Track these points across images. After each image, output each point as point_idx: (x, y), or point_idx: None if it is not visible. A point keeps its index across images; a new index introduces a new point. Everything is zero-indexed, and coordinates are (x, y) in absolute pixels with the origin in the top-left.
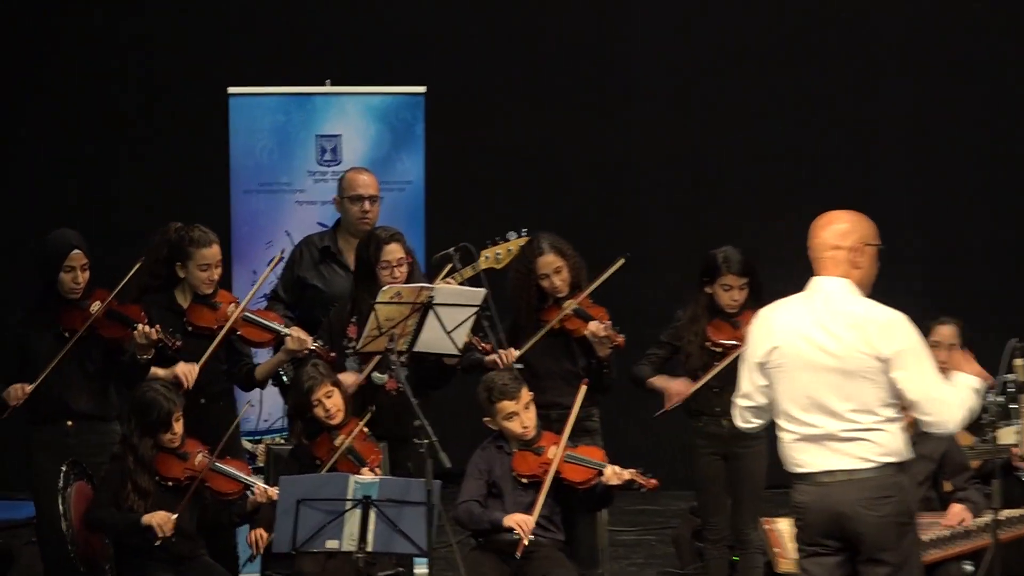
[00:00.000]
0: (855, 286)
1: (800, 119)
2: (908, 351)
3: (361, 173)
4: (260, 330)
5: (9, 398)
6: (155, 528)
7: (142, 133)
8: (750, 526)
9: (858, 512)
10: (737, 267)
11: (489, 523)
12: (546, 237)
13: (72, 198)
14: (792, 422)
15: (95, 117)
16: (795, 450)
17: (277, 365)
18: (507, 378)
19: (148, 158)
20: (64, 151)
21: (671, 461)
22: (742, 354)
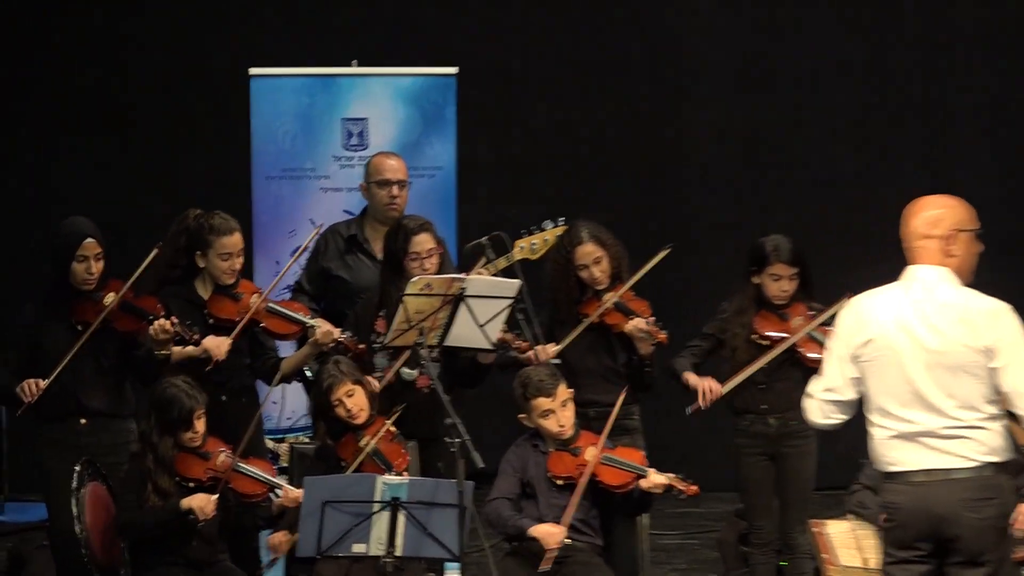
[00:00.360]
0: (953, 274)
1: (866, 98)
2: (1009, 342)
3: (389, 157)
4: (285, 321)
5: (23, 394)
6: (196, 511)
7: (159, 116)
8: (798, 530)
9: (958, 514)
10: (787, 256)
11: (516, 530)
12: (585, 225)
13: (86, 185)
14: (887, 418)
15: (109, 99)
16: (889, 448)
17: (305, 359)
18: (544, 373)
19: (165, 143)
20: (77, 135)
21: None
22: (829, 346)
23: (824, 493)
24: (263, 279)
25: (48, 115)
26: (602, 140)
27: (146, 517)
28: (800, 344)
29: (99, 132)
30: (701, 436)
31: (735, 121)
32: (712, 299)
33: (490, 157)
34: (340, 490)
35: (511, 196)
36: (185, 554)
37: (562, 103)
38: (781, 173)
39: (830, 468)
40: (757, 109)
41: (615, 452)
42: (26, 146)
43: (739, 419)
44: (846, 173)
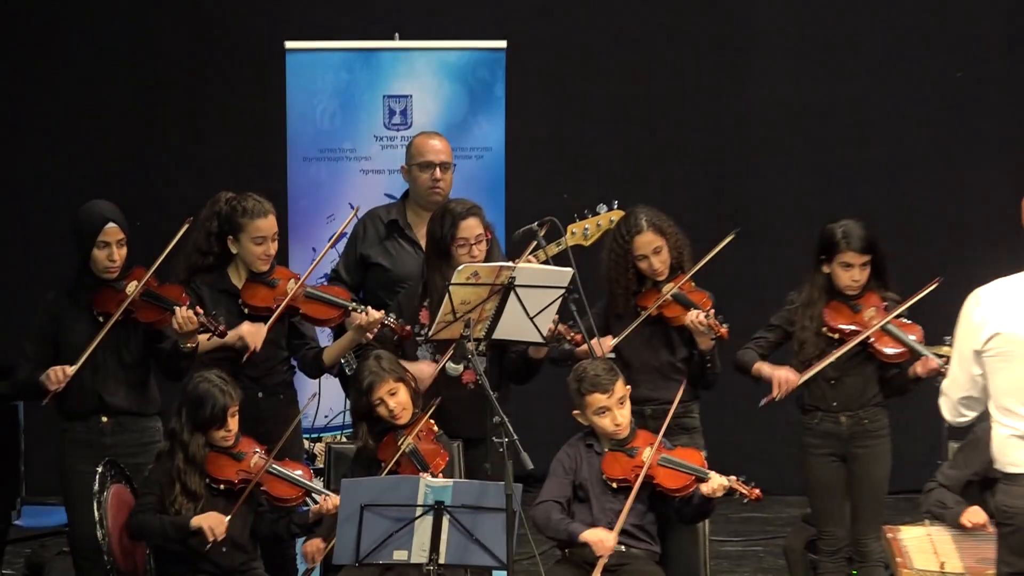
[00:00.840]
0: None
1: (945, 71)
2: None
3: (432, 138)
4: (325, 306)
5: (49, 382)
6: (205, 531)
7: (188, 94)
8: (870, 536)
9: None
10: (858, 243)
11: (567, 534)
12: (644, 212)
13: (110, 167)
14: (1010, 416)
15: (136, 76)
16: (1011, 448)
17: (349, 346)
18: (601, 368)
19: (196, 121)
20: (102, 114)
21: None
22: (954, 340)
23: (898, 497)
24: (299, 267)
25: (71, 92)
26: (660, 118)
27: (156, 524)
28: (874, 338)
29: (124, 111)
30: (766, 436)
31: (803, 97)
32: (779, 290)
33: (541, 137)
34: (380, 493)
35: (563, 179)
36: (214, 562)
37: (618, 79)
38: (853, 153)
39: (905, 470)
40: (827, 83)
41: (673, 453)
42: (47, 125)
43: (807, 417)
44: (923, 153)
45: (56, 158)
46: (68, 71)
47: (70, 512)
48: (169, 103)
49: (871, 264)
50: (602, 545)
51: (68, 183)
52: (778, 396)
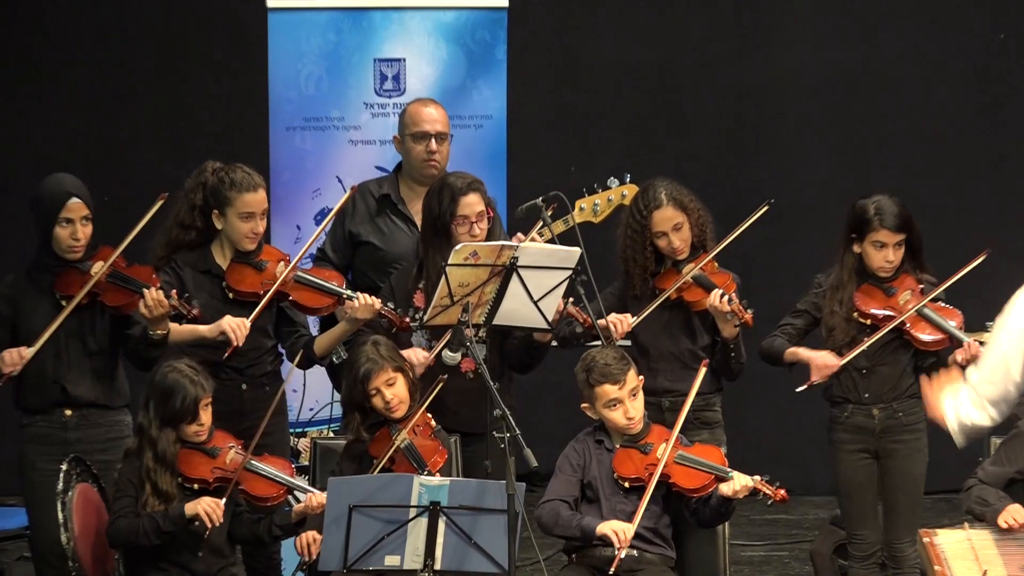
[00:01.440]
0: None
1: (984, 36)
2: None
3: (427, 105)
4: (317, 293)
5: (3, 364)
6: (203, 516)
7: (161, 58)
8: (905, 540)
9: None
10: (892, 221)
11: (580, 530)
12: (664, 185)
13: (77, 138)
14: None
15: (104, 38)
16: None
17: (343, 336)
18: (611, 357)
19: (169, 88)
20: (67, 81)
21: (808, 460)
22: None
23: (935, 497)
24: (281, 246)
25: (34, 57)
26: (675, 86)
27: (143, 524)
28: (909, 323)
29: (92, 77)
30: (791, 431)
31: (830, 64)
32: (803, 273)
33: (546, 104)
34: (370, 493)
35: (570, 150)
36: (189, 567)
37: (629, 42)
38: (884, 124)
39: (943, 468)
40: (856, 49)
41: (691, 450)
42: (8, 93)
43: (836, 410)
44: (961, 124)
45: (18, 129)
46: (31, 34)
47: (31, 513)
48: (140, 68)
49: (905, 244)
50: (623, 535)
51: (31, 156)
52: (817, 381)
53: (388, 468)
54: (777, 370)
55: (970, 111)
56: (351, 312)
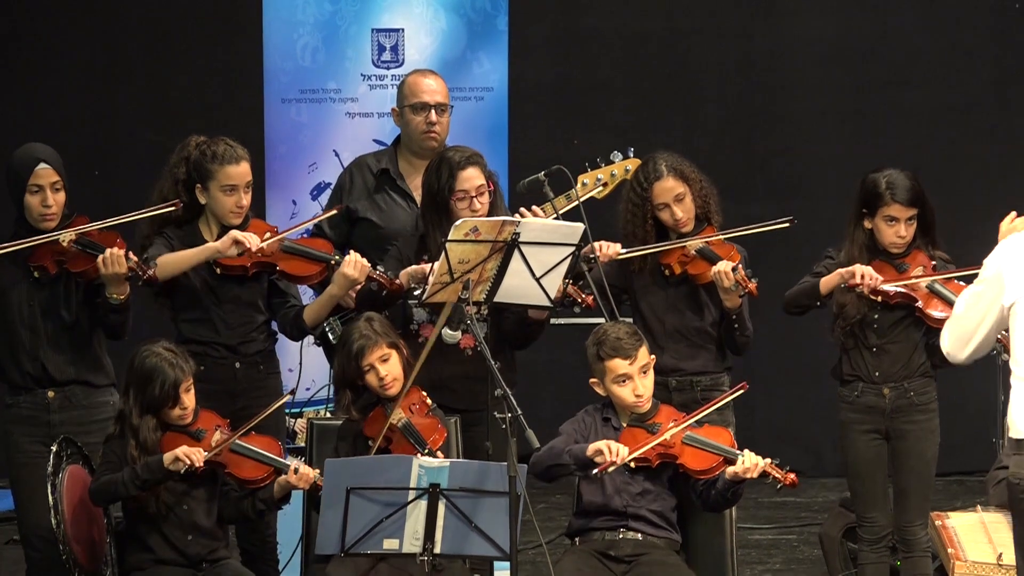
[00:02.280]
0: None
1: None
2: None
3: (426, 76)
4: (306, 261)
5: None
6: (182, 458)
7: (155, 29)
8: (917, 523)
9: None
10: (904, 195)
11: (570, 455)
12: (664, 157)
13: (73, 112)
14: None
15: (98, 12)
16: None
17: (330, 302)
18: (624, 332)
19: (161, 59)
20: (62, 55)
21: (816, 442)
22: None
23: (948, 479)
24: (278, 222)
25: (24, 29)
26: (682, 56)
27: (122, 476)
28: (921, 300)
29: (83, 49)
30: (800, 412)
31: (841, 33)
32: (813, 249)
33: (549, 76)
34: (368, 475)
35: (573, 123)
36: (180, 550)
37: (635, 12)
38: (897, 96)
39: (955, 450)
40: (868, 18)
41: (700, 431)
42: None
43: (846, 389)
44: (976, 95)
45: (8, 104)
46: (20, 7)
47: (17, 497)
48: (132, 39)
49: (918, 219)
50: (614, 450)
51: (22, 131)
52: (859, 285)
53: (386, 448)
54: (786, 351)
55: (985, 81)
56: (341, 270)
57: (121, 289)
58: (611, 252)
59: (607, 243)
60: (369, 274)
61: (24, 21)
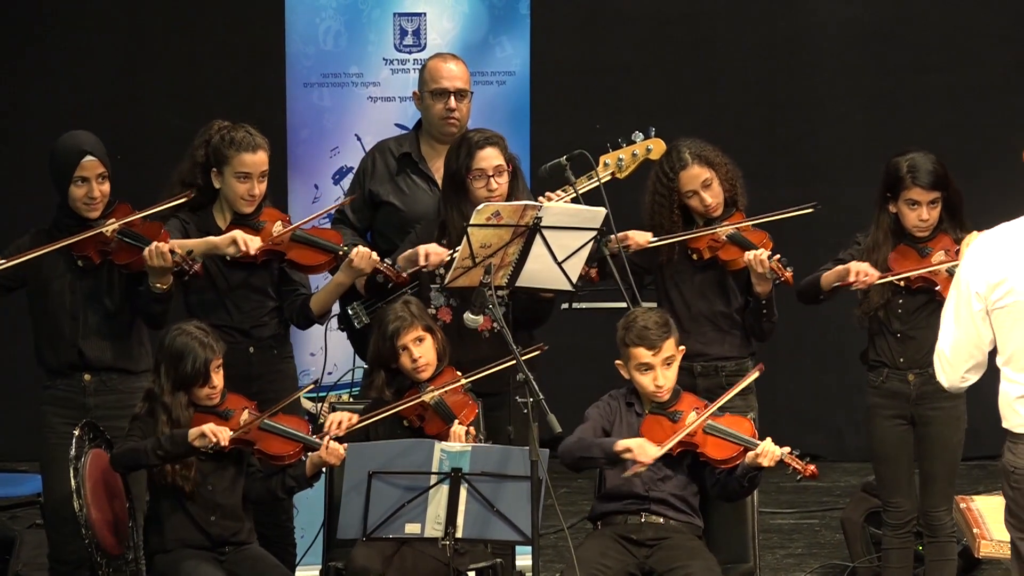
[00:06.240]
0: None
1: None
2: None
3: (447, 60)
4: (314, 251)
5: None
6: (208, 434)
7: (178, 13)
8: (942, 508)
9: None
10: (926, 179)
11: (600, 448)
12: (686, 144)
13: (93, 95)
14: (1021, 372)
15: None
16: (1022, 405)
17: (337, 290)
18: (653, 321)
19: (185, 43)
20: (85, 39)
21: (839, 426)
22: (951, 292)
23: (972, 463)
24: (300, 206)
25: (51, 15)
26: (704, 39)
27: (145, 444)
28: (942, 285)
29: (106, 34)
30: (822, 397)
31: (866, 15)
32: (837, 232)
33: (571, 60)
34: (390, 459)
35: (596, 107)
36: (206, 531)
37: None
38: (923, 77)
39: (979, 434)
40: (891, 2)
41: (721, 420)
42: (24, 51)
43: (872, 374)
44: (1001, 77)
45: (34, 87)
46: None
47: (45, 476)
48: (155, 23)
49: (943, 202)
50: (643, 451)
51: (47, 113)
52: (854, 283)
53: (419, 427)
54: (809, 335)
55: (1009, 63)
56: (348, 262)
57: (165, 280)
58: (642, 241)
59: (638, 232)
60: (376, 266)
61: (50, 7)
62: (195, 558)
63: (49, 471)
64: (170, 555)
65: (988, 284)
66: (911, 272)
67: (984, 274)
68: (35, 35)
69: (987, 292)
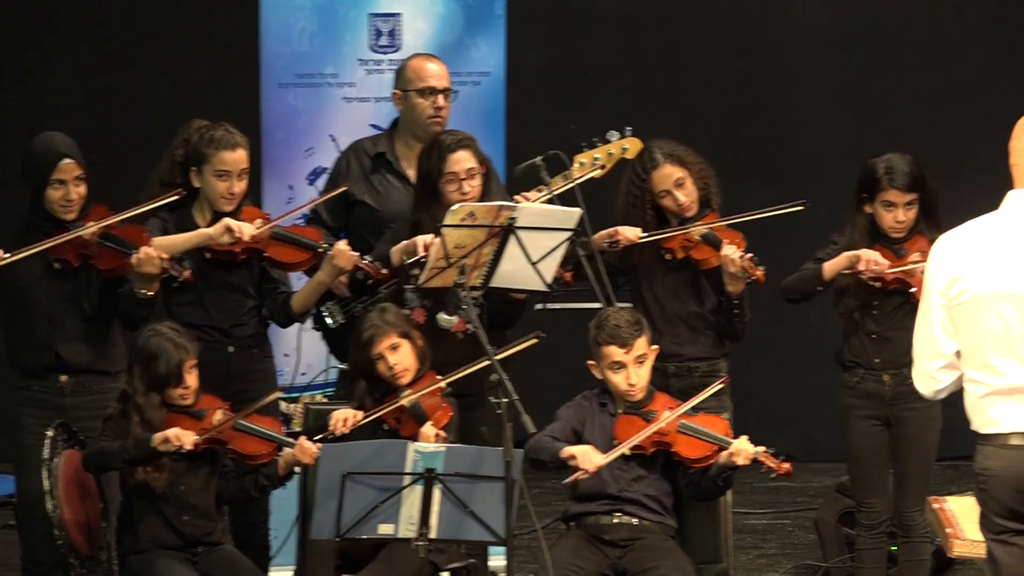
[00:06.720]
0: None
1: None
2: None
3: (430, 60)
4: (293, 248)
5: None
6: (171, 439)
7: (151, 12)
8: (915, 508)
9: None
10: (902, 180)
11: (549, 455)
12: (658, 144)
13: (68, 96)
14: (981, 371)
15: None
16: (985, 405)
17: (318, 289)
18: (625, 319)
19: (157, 44)
20: (58, 39)
21: (812, 427)
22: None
23: (945, 464)
24: (274, 207)
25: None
26: (679, 39)
27: (113, 446)
28: (917, 287)
29: (78, 34)
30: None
31: (839, 15)
32: (811, 234)
33: (546, 60)
34: (363, 460)
35: (571, 108)
36: (178, 531)
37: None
38: (897, 77)
39: (953, 435)
40: (865, 2)
41: (695, 419)
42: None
43: (847, 374)
44: (976, 77)
45: (5, 88)
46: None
47: (18, 476)
48: (128, 22)
49: (919, 203)
50: (587, 459)
51: (18, 114)
52: (864, 272)
53: (396, 430)
54: (781, 335)
55: (983, 63)
56: (329, 259)
57: (151, 287)
58: (632, 236)
59: (628, 227)
60: (357, 263)
61: (23, 8)
62: (168, 558)
63: (22, 472)
64: (143, 555)
65: (946, 281)
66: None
67: (943, 271)
68: (6, 36)
69: (945, 289)
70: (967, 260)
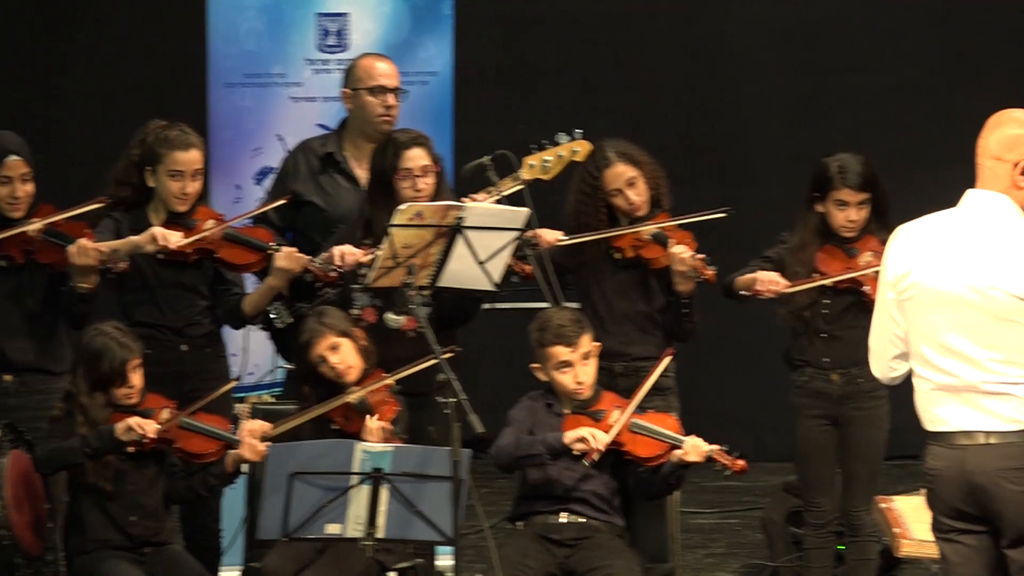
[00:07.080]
0: (1017, 209)
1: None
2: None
3: (380, 60)
4: (243, 250)
5: None
6: (134, 427)
7: (96, 12)
8: (863, 508)
9: (998, 485)
10: (855, 180)
11: (544, 445)
12: (611, 144)
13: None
14: (928, 367)
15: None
16: (932, 402)
17: (269, 292)
18: (567, 318)
19: (103, 43)
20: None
21: (760, 426)
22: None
23: (892, 463)
24: (222, 207)
25: None
26: (627, 40)
27: (71, 443)
28: (868, 287)
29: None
30: (744, 395)
31: (789, 15)
32: (761, 235)
33: (494, 60)
34: (311, 459)
35: (519, 108)
36: (126, 532)
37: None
38: (848, 77)
39: (900, 434)
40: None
41: (645, 418)
42: None
43: (796, 374)
44: (928, 77)
45: None
46: None
47: None
48: (72, 22)
49: (871, 203)
50: (595, 440)
51: None
52: (764, 292)
53: (343, 428)
54: (729, 334)
55: (936, 64)
56: (275, 262)
57: (89, 280)
58: (551, 239)
59: (548, 230)
60: (307, 266)
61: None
62: (115, 559)
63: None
64: (90, 556)
65: (896, 275)
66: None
67: (894, 265)
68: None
69: (895, 282)
70: (918, 256)
